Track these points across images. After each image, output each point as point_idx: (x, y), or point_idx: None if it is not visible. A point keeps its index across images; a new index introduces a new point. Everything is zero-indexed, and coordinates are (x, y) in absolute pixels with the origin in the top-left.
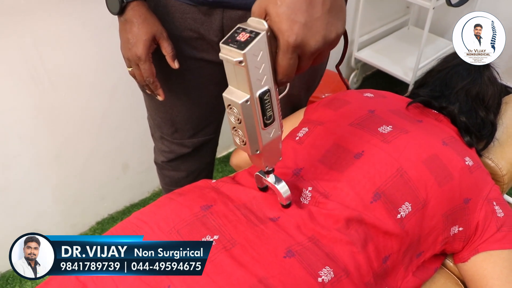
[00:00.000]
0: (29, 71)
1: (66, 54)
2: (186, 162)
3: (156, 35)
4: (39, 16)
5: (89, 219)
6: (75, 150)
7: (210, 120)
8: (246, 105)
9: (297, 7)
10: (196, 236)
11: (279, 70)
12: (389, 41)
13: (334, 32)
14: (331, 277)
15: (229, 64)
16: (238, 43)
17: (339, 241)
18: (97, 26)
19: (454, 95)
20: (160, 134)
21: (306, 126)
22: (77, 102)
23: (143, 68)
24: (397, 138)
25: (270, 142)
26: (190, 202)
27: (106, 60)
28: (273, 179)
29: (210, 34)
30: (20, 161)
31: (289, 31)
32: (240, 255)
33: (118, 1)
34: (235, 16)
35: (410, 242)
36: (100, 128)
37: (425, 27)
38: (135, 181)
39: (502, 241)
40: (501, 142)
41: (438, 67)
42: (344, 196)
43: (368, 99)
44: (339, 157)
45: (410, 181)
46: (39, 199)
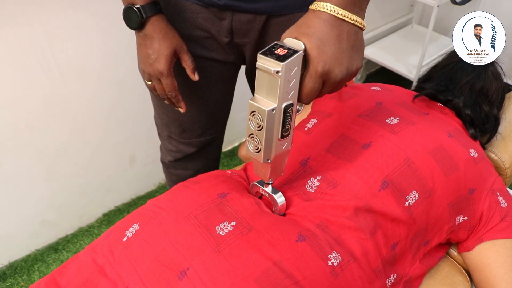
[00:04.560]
0: (40, 62)
1: (76, 46)
2: (193, 161)
3: (177, 49)
4: (51, 8)
5: (96, 210)
6: (83, 142)
7: (217, 118)
8: (272, 114)
9: (326, 40)
10: (214, 221)
11: (303, 91)
12: (393, 39)
13: (355, 66)
14: (340, 260)
15: (263, 73)
16: (277, 56)
17: (347, 227)
18: (107, 19)
19: (459, 90)
20: (168, 133)
21: (315, 117)
22: (86, 94)
23: (165, 83)
24: (404, 129)
25: (281, 154)
26: (207, 189)
27: (115, 52)
28: (270, 189)
29: (220, 35)
30: (28, 150)
31: (319, 59)
32: (256, 239)
33: (138, 17)
34: (244, 19)
35: (418, 229)
36: (108, 120)
37: (429, 25)
38: (142, 173)
39: (506, 231)
40: (504, 136)
41: (443, 62)
42: (352, 185)
43: (375, 92)
44: (347, 147)
45: (417, 171)
46: (47, 190)
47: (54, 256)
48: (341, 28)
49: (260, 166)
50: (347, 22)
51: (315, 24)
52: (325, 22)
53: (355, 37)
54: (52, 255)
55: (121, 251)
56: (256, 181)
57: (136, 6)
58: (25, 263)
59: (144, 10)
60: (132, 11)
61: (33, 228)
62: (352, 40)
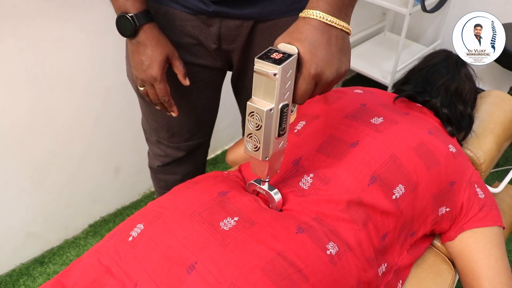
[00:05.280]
0: (26, 74)
1: (62, 57)
2: (181, 165)
3: (169, 55)
4: (37, 20)
5: (82, 221)
6: (69, 152)
7: (204, 122)
8: (269, 113)
9: (317, 44)
10: (217, 218)
11: (297, 92)
12: (367, 46)
13: (344, 67)
14: (337, 250)
15: (261, 76)
16: (273, 60)
17: (341, 220)
18: (92, 31)
19: (436, 91)
20: (157, 138)
21: (303, 120)
22: (72, 105)
23: (158, 88)
24: (388, 128)
25: (278, 151)
26: (207, 188)
27: (100, 64)
28: (267, 186)
29: (208, 41)
30: (15, 162)
31: (311, 62)
32: (259, 232)
33: (131, 25)
34: (232, 25)
35: (404, 221)
36: (93, 131)
37: (402, 33)
38: (127, 183)
39: (484, 220)
40: (478, 134)
41: (419, 66)
42: (343, 180)
43: (358, 94)
44: (336, 147)
45: (402, 166)
46: (32, 202)
47: (40, 269)
48: (330, 33)
49: (258, 164)
50: (335, 28)
51: (306, 30)
52: (315, 28)
53: (342, 41)
54: (38, 268)
55: (128, 251)
56: (252, 180)
57: (130, 15)
58: (10, 278)
59: (138, 18)
60: (126, 20)
61: (18, 241)
62: (340, 44)
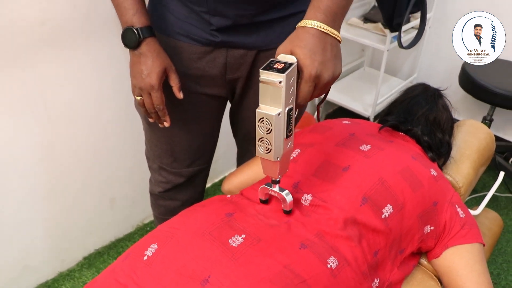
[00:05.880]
0: (29, 107)
1: (63, 93)
2: (181, 191)
3: (166, 67)
4: (42, 55)
5: (77, 254)
6: (67, 185)
7: (205, 150)
8: (278, 117)
9: (315, 50)
10: (226, 236)
11: (300, 95)
12: (348, 81)
13: (338, 71)
14: (336, 264)
15: (267, 85)
16: (277, 69)
17: (339, 237)
18: (93, 68)
19: (416, 120)
20: (159, 164)
21: (298, 148)
22: (71, 139)
23: (155, 96)
24: (376, 154)
25: (287, 152)
26: (215, 210)
27: (99, 100)
28: (278, 188)
29: (213, 70)
30: (15, 196)
31: (311, 66)
32: (265, 248)
33: (136, 37)
34: (238, 54)
35: (394, 238)
36: (91, 164)
37: (381, 68)
38: (121, 215)
39: (466, 237)
40: (456, 160)
41: (401, 98)
42: (338, 201)
43: (347, 125)
44: (329, 171)
45: (389, 188)
46: (30, 235)
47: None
48: (326, 41)
49: (270, 165)
50: (330, 36)
51: (305, 38)
52: (313, 36)
53: (336, 48)
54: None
55: (143, 269)
56: (262, 185)
57: (135, 28)
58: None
59: (142, 31)
60: (131, 32)
61: (14, 274)
62: (334, 50)
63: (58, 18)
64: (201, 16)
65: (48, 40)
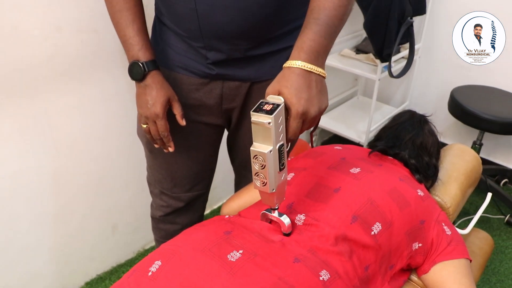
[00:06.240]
0: (38, 136)
1: (71, 123)
2: (181, 215)
3: (170, 97)
4: (48, 92)
5: (79, 279)
6: (72, 212)
7: (204, 176)
8: (270, 154)
9: (300, 88)
10: (225, 252)
11: (290, 130)
12: (342, 109)
13: (324, 105)
14: (328, 277)
15: (258, 126)
16: (266, 111)
17: (331, 252)
18: (99, 100)
19: (404, 145)
20: (160, 189)
21: (293, 172)
22: (77, 168)
23: (159, 124)
24: (365, 176)
25: (281, 183)
26: (214, 229)
27: (103, 132)
28: (277, 214)
29: (210, 101)
30: (21, 222)
31: (298, 104)
32: (261, 262)
33: (142, 70)
34: (233, 85)
35: (383, 254)
36: (95, 191)
37: (373, 96)
38: (122, 242)
39: (453, 253)
40: (444, 181)
41: (389, 125)
42: (330, 219)
43: (338, 150)
44: (322, 192)
45: (378, 207)
46: (34, 259)
47: None
48: (310, 78)
49: (267, 196)
50: (314, 73)
51: (291, 78)
52: (298, 75)
53: (321, 84)
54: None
55: (148, 284)
56: (263, 211)
57: (141, 62)
58: None
59: (147, 65)
60: (138, 66)
61: None
62: (319, 86)
63: (67, 52)
64: (198, 51)
65: (57, 73)
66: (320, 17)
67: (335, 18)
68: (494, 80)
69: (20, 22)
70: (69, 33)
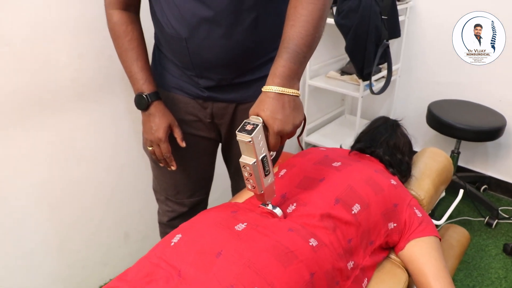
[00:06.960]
0: (60, 152)
1: (88, 138)
2: (185, 219)
3: (171, 123)
4: (68, 112)
5: (94, 283)
6: (88, 220)
7: (203, 184)
8: (254, 165)
9: (275, 110)
10: (232, 224)
11: (270, 144)
12: (331, 127)
13: (298, 120)
14: (316, 243)
15: (242, 143)
16: (247, 131)
17: (317, 226)
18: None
19: (379, 145)
20: (165, 196)
21: (284, 168)
22: (92, 179)
23: (163, 147)
24: (345, 168)
25: (268, 186)
26: (223, 209)
27: (117, 146)
28: (271, 206)
29: (205, 118)
30: (41, 227)
31: (273, 124)
32: (262, 231)
33: (146, 101)
34: (221, 106)
35: (363, 231)
36: (109, 201)
37: (358, 113)
38: (134, 249)
39: (424, 231)
40: (417, 178)
41: (367, 129)
42: (316, 202)
43: (322, 150)
44: (309, 183)
45: (356, 192)
46: (56, 264)
47: None
48: (283, 100)
49: (258, 196)
50: (287, 95)
51: (267, 102)
52: (273, 99)
53: (294, 102)
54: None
55: (171, 251)
56: (259, 205)
57: (145, 94)
58: None
59: (150, 96)
60: (142, 97)
61: None
62: (292, 105)
63: (86, 76)
64: (191, 78)
65: (79, 94)
66: (290, 46)
67: (303, 46)
68: (466, 94)
69: (52, 51)
70: (89, 59)
